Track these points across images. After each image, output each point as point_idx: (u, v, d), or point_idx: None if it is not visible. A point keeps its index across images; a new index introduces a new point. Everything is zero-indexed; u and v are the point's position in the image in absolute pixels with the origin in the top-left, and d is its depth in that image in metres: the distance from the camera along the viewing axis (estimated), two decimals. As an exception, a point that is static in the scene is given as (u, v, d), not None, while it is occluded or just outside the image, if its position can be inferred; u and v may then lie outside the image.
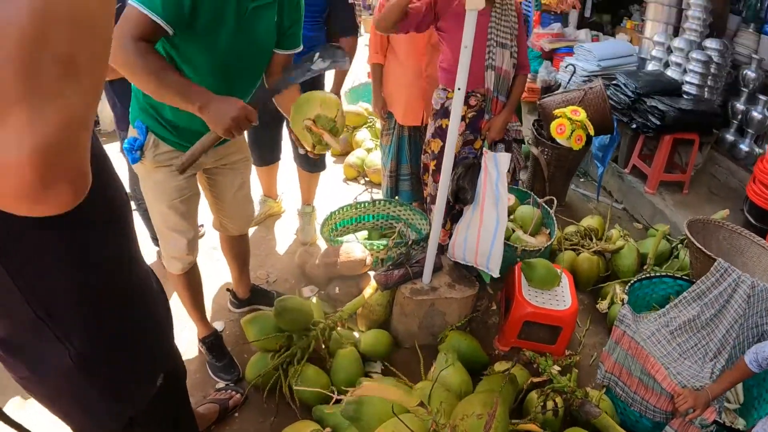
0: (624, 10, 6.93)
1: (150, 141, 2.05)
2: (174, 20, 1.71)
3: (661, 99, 4.18)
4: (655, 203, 4.23)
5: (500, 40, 2.78)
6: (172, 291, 2.68)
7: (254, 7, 1.89)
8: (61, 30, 0.55)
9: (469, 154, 2.98)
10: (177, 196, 2.17)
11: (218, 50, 1.88)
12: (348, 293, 2.93)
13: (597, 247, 3.30)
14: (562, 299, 2.76)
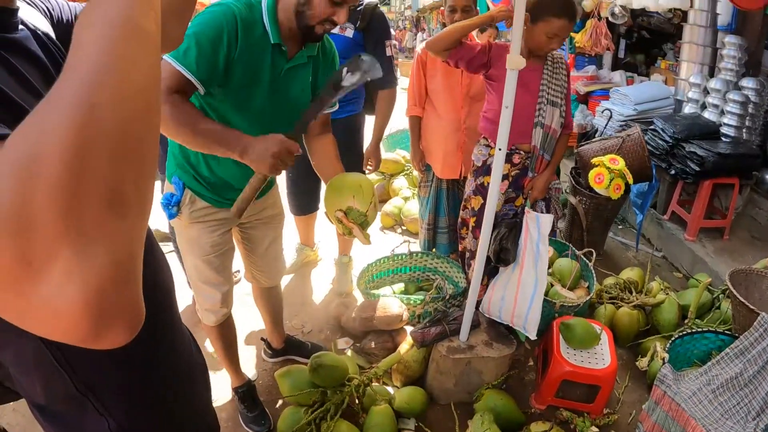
0: (658, 49, 6.89)
1: (187, 197, 2.08)
2: (207, 79, 1.75)
3: (699, 144, 4.12)
4: (695, 251, 4.12)
5: (551, 98, 2.77)
6: (205, 337, 2.71)
7: (289, 67, 1.93)
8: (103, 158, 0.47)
9: (510, 211, 2.96)
10: (212, 252, 2.20)
11: (252, 109, 1.92)
12: (383, 347, 2.91)
13: (637, 301, 3.23)
14: (601, 357, 2.70)
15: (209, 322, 2.40)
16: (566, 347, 2.73)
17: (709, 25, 4.96)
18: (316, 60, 2.06)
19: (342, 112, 3.15)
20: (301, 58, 1.96)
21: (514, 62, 1.93)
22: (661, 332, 3.15)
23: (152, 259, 1.06)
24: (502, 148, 2.09)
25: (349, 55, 2.99)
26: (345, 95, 3.07)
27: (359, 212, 1.85)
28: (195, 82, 1.72)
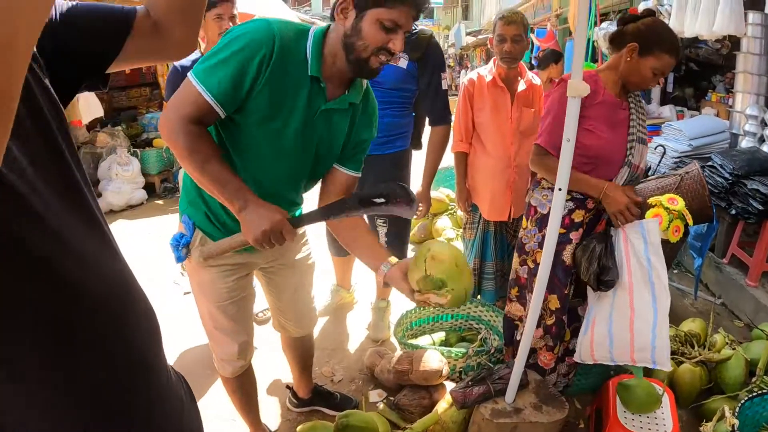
0: (706, 82, 6.65)
1: (197, 239, 1.91)
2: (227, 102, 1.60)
3: (762, 180, 3.83)
4: (758, 297, 3.80)
5: (640, 134, 2.49)
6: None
7: (325, 109, 1.74)
8: None
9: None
10: (227, 298, 2.01)
11: (278, 146, 1.73)
12: (419, 404, 2.67)
13: (700, 357, 2.92)
14: (662, 423, 2.41)
15: (225, 373, 2.21)
16: (623, 411, 2.45)
17: (763, 53, 4.76)
18: (356, 110, 1.85)
19: (389, 146, 2.96)
20: (342, 102, 1.77)
21: (576, 89, 1.71)
22: (726, 391, 2.83)
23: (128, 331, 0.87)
24: (562, 188, 1.85)
25: (402, 86, 2.88)
26: (393, 131, 2.88)
27: (435, 279, 1.61)
28: (215, 106, 1.58)
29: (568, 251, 2.49)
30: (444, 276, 1.57)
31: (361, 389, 3.05)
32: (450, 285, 1.58)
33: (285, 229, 1.59)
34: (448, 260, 1.60)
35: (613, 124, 2.40)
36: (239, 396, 2.33)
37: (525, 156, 3.04)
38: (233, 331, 2.08)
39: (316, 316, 2.51)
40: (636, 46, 2.26)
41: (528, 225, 2.56)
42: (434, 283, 1.59)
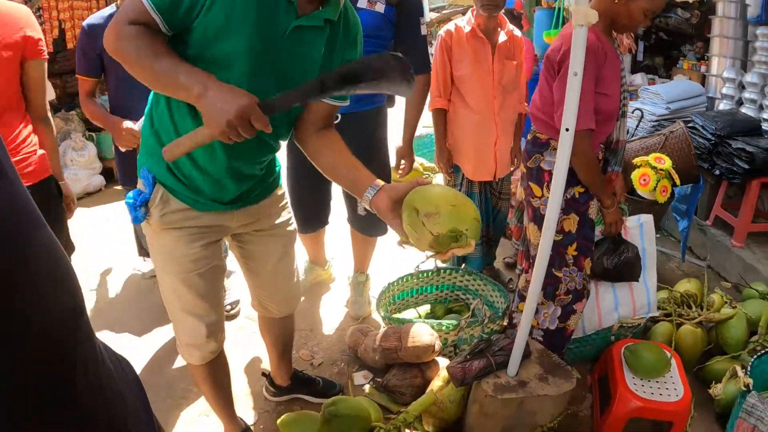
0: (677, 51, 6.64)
1: (158, 195, 1.64)
2: (167, 12, 1.38)
3: (745, 140, 3.77)
4: (744, 258, 3.74)
5: (628, 87, 2.38)
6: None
7: (297, 26, 1.48)
8: None
9: None
10: (193, 268, 1.74)
11: (226, 69, 1.45)
12: (411, 384, 2.45)
13: (701, 318, 2.79)
14: (673, 387, 2.28)
15: (193, 360, 1.93)
16: (632, 377, 2.31)
17: (739, 17, 4.75)
18: (335, 29, 1.59)
19: (365, 103, 2.71)
20: (315, 19, 1.50)
21: (585, 16, 1.50)
22: (728, 352, 2.73)
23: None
24: (570, 128, 1.65)
25: (379, 34, 2.64)
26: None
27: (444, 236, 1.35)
28: (155, 15, 1.37)
29: (593, 208, 2.38)
30: (452, 226, 1.33)
31: (344, 372, 2.83)
32: (462, 227, 1.34)
33: (254, 116, 1.29)
34: (444, 208, 1.34)
35: (617, 77, 2.24)
36: (210, 386, 2.05)
37: (508, 111, 2.89)
38: (202, 311, 1.81)
39: (300, 293, 2.27)
40: None
41: (545, 192, 2.31)
42: (449, 239, 1.35)
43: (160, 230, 1.69)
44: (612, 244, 2.47)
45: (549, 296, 2.40)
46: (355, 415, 2.03)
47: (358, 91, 1.34)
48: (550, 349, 2.42)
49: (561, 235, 2.33)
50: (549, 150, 2.28)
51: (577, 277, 2.38)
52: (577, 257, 2.37)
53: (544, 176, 2.30)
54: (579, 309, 2.43)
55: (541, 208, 2.32)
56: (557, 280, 2.38)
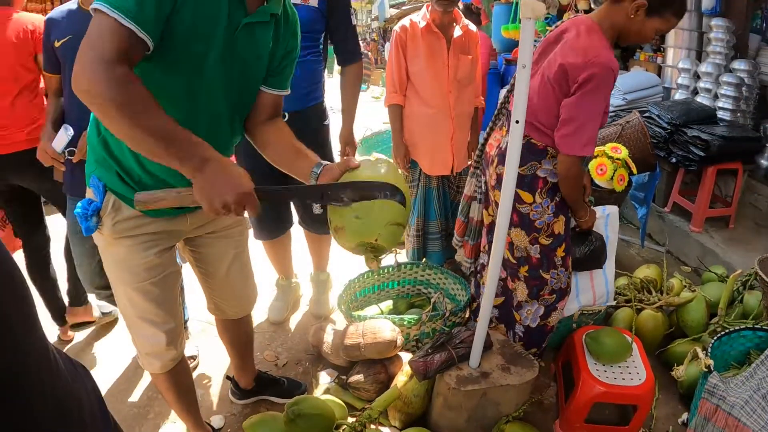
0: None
1: (109, 204, 1.59)
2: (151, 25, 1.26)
3: (701, 128, 3.84)
4: (703, 242, 3.83)
5: None
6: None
7: (247, 23, 1.46)
8: None
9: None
10: (147, 277, 1.69)
11: (203, 74, 1.44)
12: (375, 380, 2.43)
13: (661, 302, 2.82)
14: (635, 372, 2.30)
15: (154, 369, 1.88)
16: (594, 363, 2.32)
17: (694, 9, 4.80)
18: (278, 24, 1.59)
19: (311, 98, 2.69)
20: (262, 14, 1.50)
21: (533, 9, 1.49)
22: (689, 334, 2.78)
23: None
24: (520, 120, 1.64)
25: (313, 27, 2.59)
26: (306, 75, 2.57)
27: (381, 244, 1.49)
28: (140, 33, 1.24)
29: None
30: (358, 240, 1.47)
31: (309, 371, 2.79)
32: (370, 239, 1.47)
33: (249, 202, 1.29)
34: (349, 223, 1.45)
35: None
36: (174, 394, 2.01)
37: (464, 105, 2.89)
38: (159, 318, 1.77)
39: (256, 293, 2.22)
40: (645, 4, 2.00)
41: (537, 199, 2.24)
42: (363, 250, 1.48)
43: (112, 240, 1.64)
44: (580, 235, 2.47)
45: (533, 296, 2.39)
46: (318, 413, 2.00)
47: (354, 203, 1.42)
48: (529, 345, 2.44)
49: (551, 238, 2.30)
50: (547, 158, 2.21)
51: (563, 277, 2.37)
52: (565, 258, 2.36)
53: (538, 183, 2.24)
54: (561, 306, 2.43)
55: (531, 214, 2.27)
56: (543, 282, 2.36)
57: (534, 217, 2.26)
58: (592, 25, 2.04)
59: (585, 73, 1.93)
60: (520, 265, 2.37)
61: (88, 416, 0.83)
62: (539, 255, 2.31)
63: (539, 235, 2.28)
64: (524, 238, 2.31)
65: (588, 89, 1.95)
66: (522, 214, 2.27)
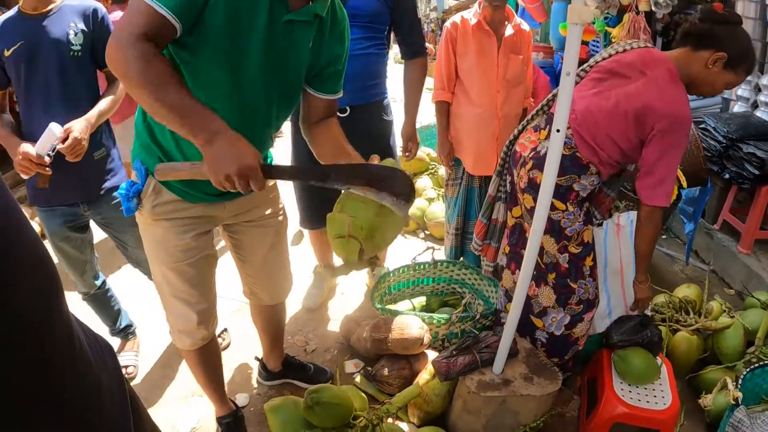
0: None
1: (150, 187, 1.66)
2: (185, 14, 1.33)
3: (757, 145, 3.68)
4: (750, 265, 3.67)
5: None
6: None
7: (288, 20, 1.48)
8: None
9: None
10: (183, 258, 1.76)
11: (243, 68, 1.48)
12: (399, 375, 2.46)
13: (697, 325, 2.75)
14: (661, 395, 2.25)
15: (184, 346, 1.97)
16: (620, 383, 2.28)
17: (758, 18, 4.58)
18: (323, 25, 1.61)
19: (376, 94, 2.72)
20: (305, 13, 1.51)
21: (579, 14, 1.47)
22: (723, 362, 2.69)
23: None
24: (561, 129, 1.62)
25: (377, 20, 2.62)
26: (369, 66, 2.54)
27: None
28: (171, 18, 1.31)
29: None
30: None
31: (336, 360, 2.84)
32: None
33: (253, 177, 1.32)
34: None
35: None
36: (201, 370, 2.10)
37: (512, 106, 2.88)
38: (193, 298, 1.84)
39: (291, 282, 2.27)
40: (725, 57, 2.00)
41: (569, 207, 2.24)
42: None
43: (151, 221, 1.71)
44: (639, 325, 2.40)
45: (561, 303, 2.36)
46: (336, 403, 2.03)
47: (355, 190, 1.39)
48: (551, 353, 2.41)
49: (580, 247, 2.29)
50: (587, 174, 2.20)
51: (591, 287, 2.34)
52: (593, 268, 2.34)
53: (571, 195, 2.23)
54: (588, 318, 2.39)
55: (563, 221, 2.26)
56: (571, 291, 2.34)
57: (565, 224, 2.25)
58: (675, 73, 2.04)
59: (667, 124, 1.97)
60: (548, 272, 2.34)
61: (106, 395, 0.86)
62: (567, 264, 2.29)
63: (569, 243, 2.27)
64: (554, 246, 2.29)
65: (669, 142, 2.00)
66: (553, 221, 2.25)
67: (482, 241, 2.64)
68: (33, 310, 0.67)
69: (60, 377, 0.74)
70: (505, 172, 2.48)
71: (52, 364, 0.72)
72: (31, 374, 0.68)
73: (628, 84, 2.09)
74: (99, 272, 2.66)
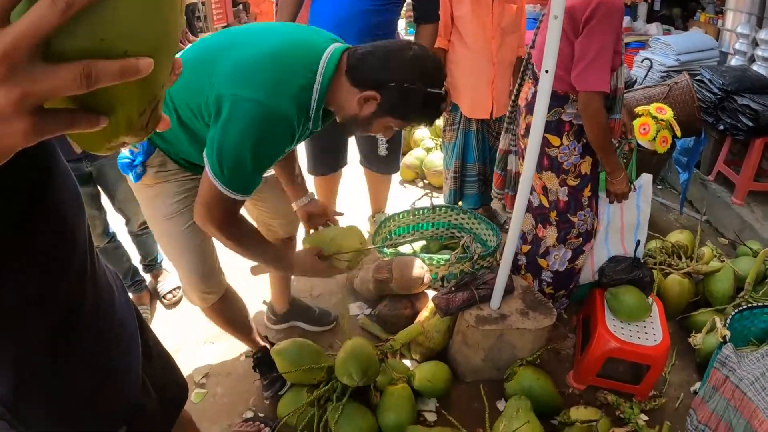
0: (695, 2, 6.47)
1: (156, 159, 1.72)
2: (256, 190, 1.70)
3: (752, 97, 3.72)
4: (743, 215, 3.75)
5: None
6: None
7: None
8: None
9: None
10: (179, 208, 1.79)
11: None
12: (401, 314, 2.55)
13: (688, 268, 2.84)
14: (652, 332, 2.34)
15: (201, 303, 2.00)
16: (612, 319, 2.37)
17: None
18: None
19: None
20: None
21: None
22: (713, 304, 2.79)
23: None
24: (549, 70, 1.67)
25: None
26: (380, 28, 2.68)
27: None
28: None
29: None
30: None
31: (341, 303, 2.93)
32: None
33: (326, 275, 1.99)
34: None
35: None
36: (224, 322, 2.14)
37: (506, 52, 2.94)
38: (191, 245, 1.86)
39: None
40: None
41: (564, 141, 2.32)
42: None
43: (153, 184, 1.75)
44: (631, 266, 2.49)
45: (561, 240, 2.46)
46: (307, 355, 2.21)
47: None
48: (558, 288, 2.55)
49: (578, 179, 2.36)
50: (569, 102, 2.26)
51: (589, 218, 2.43)
52: (591, 197, 2.42)
53: (564, 126, 2.30)
54: (587, 249, 2.50)
55: (560, 156, 2.33)
56: (571, 225, 2.43)
57: (562, 159, 2.33)
58: None
59: (589, 9, 1.99)
60: (551, 210, 2.44)
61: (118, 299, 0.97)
62: (567, 198, 2.38)
63: (567, 176, 2.35)
64: (555, 181, 2.38)
65: (593, 24, 2.01)
66: (551, 157, 2.34)
67: (501, 190, 2.72)
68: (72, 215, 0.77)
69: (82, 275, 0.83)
70: (513, 127, 2.54)
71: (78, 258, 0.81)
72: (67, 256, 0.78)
73: None
74: (109, 228, 2.71)
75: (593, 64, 2.06)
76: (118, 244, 2.79)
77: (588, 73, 2.07)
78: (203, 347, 2.66)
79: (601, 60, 2.05)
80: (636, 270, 2.44)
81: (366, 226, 3.60)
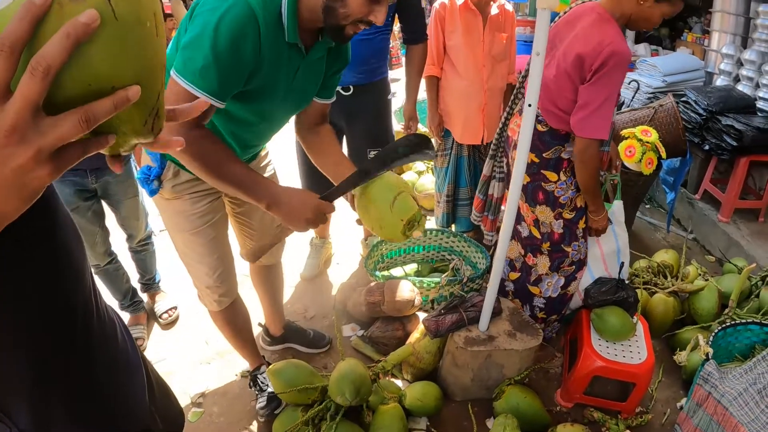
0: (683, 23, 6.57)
1: (170, 171, 1.82)
2: (228, 95, 1.53)
3: (736, 117, 3.81)
4: (729, 233, 3.82)
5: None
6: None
7: (305, 64, 1.66)
8: None
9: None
10: (202, 223, 1.93)
11: (264, 110, 1.70)
12: (393, 336, 2.63)
13: (673, 287, 2.92)
14: (637, 351, 2.40)
15: (212, 306, 2.15)
16: (598, 339, 2.44)
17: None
18: (331, 49, 1.74)
19: (379, 73, 2.92)
20: (318, 51, 1.66)
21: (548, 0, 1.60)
22: (698, 322, 2.85)
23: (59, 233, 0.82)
24: (532, 104, 1.76)
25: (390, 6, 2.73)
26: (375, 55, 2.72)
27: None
28: (217, 104, 1.48)
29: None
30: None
31: (334, 325, 2.99)
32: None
33: (323, 209, 1.56)
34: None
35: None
36: (230, 329, 2.27)
37: (497, 80, 3.03)
38: (212, 260, 2.00)
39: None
40: None
41: (561, 177, 2.38)
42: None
43: (171, 197, 1.86)
44: (616, 287, 2.53)
45: (554, 269, 2.53)
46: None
47: (395, 166, 1.59)
48: (550, 313, 2.62)
49: (574, 212, 2.43)
50: (570, 141, 2.31)
51: (583, 248, 2.51)
52: (585, 229, 2.49)
53: (563, 164, 2.36)
54: (579, 276, 2.57)
55: (556, 191, 2.40)
56: (565, 255, 2.51)
57: (559, 193, 2.40)
58: (603, 14, 2.09)
59: (600, 59, 2.01)
60: (543, 241, 2.50)
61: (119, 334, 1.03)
62: (562, 230, 2.45)
63: (563, 210, 2.42)
64: (549, 214, 2.44)
65: (602, 74, 2.03)
66: (547, 192, 2.40)
67: (480, 213, 2.80)
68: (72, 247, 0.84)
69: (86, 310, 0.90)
70: (499, 155, 2.61)
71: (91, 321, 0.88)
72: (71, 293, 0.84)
73: (562, 45, 2.19)
74: (111, 247, 2.78)
75: (597, 113, 2.09)
76: (118, 265, 2.86)
77: (590, 120, 2.10)
78: (199, 367, 2.72)
79: (605, 109, 2.09)
80: (620, 291, 2.50)
81: (359, 249, 3.68)
